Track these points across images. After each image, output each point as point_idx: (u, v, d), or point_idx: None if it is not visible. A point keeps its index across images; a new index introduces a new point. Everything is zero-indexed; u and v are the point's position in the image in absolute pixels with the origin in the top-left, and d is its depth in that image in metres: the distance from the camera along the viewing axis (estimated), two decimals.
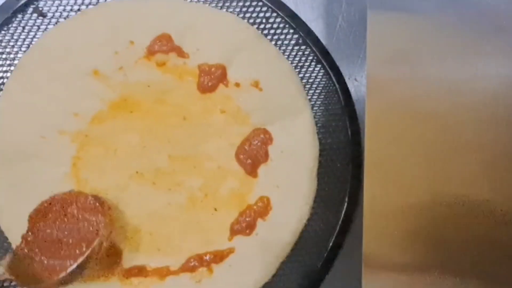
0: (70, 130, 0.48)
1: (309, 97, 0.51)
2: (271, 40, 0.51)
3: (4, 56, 0.49)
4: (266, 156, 0.49)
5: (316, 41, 0.51)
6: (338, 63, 0.51)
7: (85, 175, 0.48)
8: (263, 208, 0.48)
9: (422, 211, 0.38)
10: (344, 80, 0.51)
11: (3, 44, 0.49)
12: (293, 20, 0.51)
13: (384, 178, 0.39)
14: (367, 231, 0.39)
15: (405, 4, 0.40)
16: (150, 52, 0.49)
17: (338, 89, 0.51)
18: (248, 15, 0.51)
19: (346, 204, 0.49)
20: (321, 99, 0.51)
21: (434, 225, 0.37)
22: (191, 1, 0.51)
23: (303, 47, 0.51)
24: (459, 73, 0.36)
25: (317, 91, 0.51)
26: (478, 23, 0.36)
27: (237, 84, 0.49)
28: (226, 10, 0.51)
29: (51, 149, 0.48)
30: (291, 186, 0.48)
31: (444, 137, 0.37)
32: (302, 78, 0.51)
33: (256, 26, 0.51)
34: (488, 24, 0.36)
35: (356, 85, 0.52)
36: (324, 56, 0.51)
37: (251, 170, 0.48)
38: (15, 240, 0.47)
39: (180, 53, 0.49)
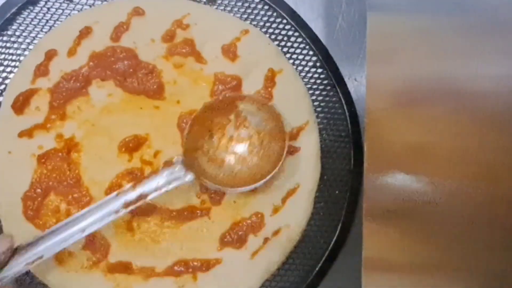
0: (78, 116, 0.48)
1: (318, 120, 0.51)
2: (289, 58, 0.51)
3: (24, 34, 0.49)
4: None
5: (334, 67, 0.51)
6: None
7: (86, 163, 0.48)
8: (256, 223, 0.48)
9: (422, 212, 0.38)
10: (354, 108, 0.51)
11: (25, 22, 0.49)
12: (314, 42, 0.51)
13: (384, 178, 0.39)
14: (367, 232, 0.39)
15: (405, 4, 0.40)
16: (170, 52, 0.49)
17: (348, 117, 0.51)
18: (270, 30, 0.52)
19: (337, 232, 0.49)
20: (330, 124, 0.51)
21: (434, 225, 0.37)
22: (216, 8, 0.51)
23: (319, 70, 0.52)
24: (459, 73, 0.35)
25: (328, 115, 0.51)
26: (478, 23, 0.35)
27: None
28: (250, 23, 0.51)
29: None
30: (287, 206, 0.49)
31: (444, 138, 0.37)
32: (313, 101, 0.51)
33: (276, 42, 0.51)
34: (488, 24, 0.35)
35: (356, 85, 0.52)
36: (338, 82, 0.51)
37: None
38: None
39: (199, 58, 0.49)
